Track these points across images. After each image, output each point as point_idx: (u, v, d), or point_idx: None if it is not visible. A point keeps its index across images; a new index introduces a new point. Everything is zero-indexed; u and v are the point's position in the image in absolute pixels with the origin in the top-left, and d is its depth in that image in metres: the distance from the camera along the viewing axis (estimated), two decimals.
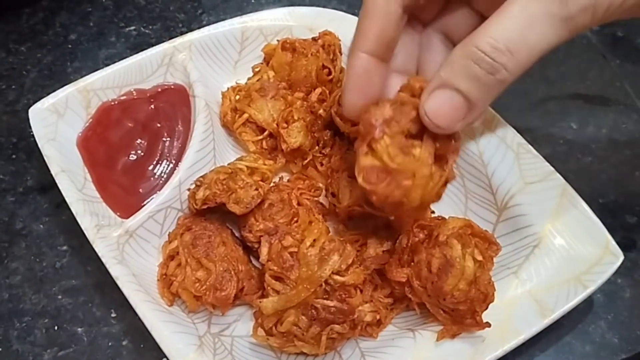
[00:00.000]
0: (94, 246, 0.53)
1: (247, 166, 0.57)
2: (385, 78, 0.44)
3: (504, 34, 0.35)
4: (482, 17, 0.44)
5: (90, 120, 0.62)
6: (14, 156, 0.67)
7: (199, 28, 0.66)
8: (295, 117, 0.59)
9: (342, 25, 0.66)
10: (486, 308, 0.49)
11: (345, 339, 0.52)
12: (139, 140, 0.61)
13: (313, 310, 0.49)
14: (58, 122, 0.60)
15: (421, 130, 0.40)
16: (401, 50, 0.45)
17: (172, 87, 0.64)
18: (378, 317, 0.52)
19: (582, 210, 0.54)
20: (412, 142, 0.40)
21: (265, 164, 0.58)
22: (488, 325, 0.49)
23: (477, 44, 0.35)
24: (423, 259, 0.49)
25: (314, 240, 0.51)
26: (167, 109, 0.63)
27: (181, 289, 0.52)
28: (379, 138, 0.39)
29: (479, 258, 0.49)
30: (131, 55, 0.64)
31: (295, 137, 0.59)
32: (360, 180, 0.40)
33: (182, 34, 0.66)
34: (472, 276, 0.48)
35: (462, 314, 0.49)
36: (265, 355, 0.53)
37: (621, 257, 0.52)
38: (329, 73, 0.64)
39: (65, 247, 0.61)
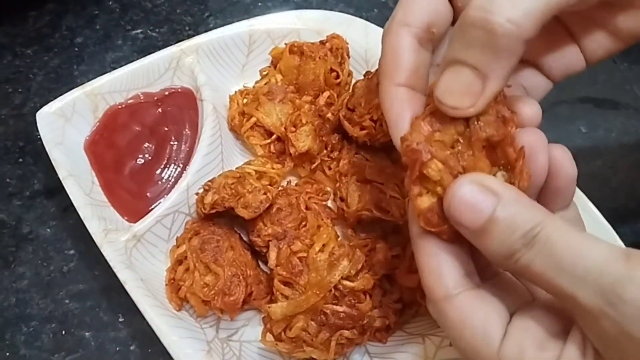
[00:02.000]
0: (101, 250, 0.53)
1: (255, 170, 0.57)
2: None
3: None
4: None
5: (98, 124, 0.61)
6: (20, 160, 0.67)
7: (205, 31, 0.65)
8: (304, 121, 0.59)
9: (349, 28, 0.66)
10: None
11: (355, 344, 0.51)
12: (146, 144, 0.61)
13: (322, 316, 0.49)
14: (65, 125, 0.60)
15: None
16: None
17: (180, 90, 0.64)
18: (387, 322, 0.52)
19: (592, 215, 0.54)
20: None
21: (273, 168, 0.58)
22: None
23: (472, 5, 0.32)
24: None
25: (323, 245, 0.51)
26: (175, 113, 0.62)
27: (189, 294, 0.52)
28: (428, 161, 0.34)
29: None
30: (138, 58, 0.63)
31: (303, 141, 0.58)
32: (422, 224, 0.35)
33: (189, 37, 0.66)
34: None
35: None
36: None
37: None
38: (337, 76, 0.64)
39: (72, 252, 0.61)
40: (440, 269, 0.34)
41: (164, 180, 0.59)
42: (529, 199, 0.33)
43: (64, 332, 0.57)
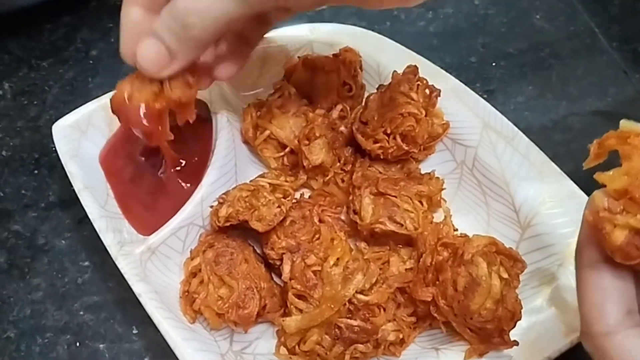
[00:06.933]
0: (116, 263, 0.53)
1: (269, 183, 0.57)
2: None
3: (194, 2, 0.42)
4: None
5: (113, 136, 0.62)
6: (36, 172, 0.68)
7: None
8: (317, 134, 0.59)
9: (362, 41, 0.66)
10: (514, 326, 0.48)
11: (368, 358, 0.51)
12: (160, 157, 0.61)
13: (336, 330, 0.49)
14: (81, 138, 0.60)
15: None
16: None
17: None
18: (401, 336, 0.52)
19: None
20: None
21: (287, 181, 0.58)
22: (516, 343, 0.48)
23: (176, 4, 0.42)
24: (448, 277, 0.49)
25: (338, 259, 0.51)
26: (189, 125, 0.62)
27: (204, 307, 0.52)
28: None
29: (505, 276, 0.49)
30: None
31: (316, 154, 0.59)
32: (619, 259, 0.34)
33: None
34: (499, 294, 0.47)
35: (489, 333, 0.48)
36: None
37: None
38: (350, 89, 0.64)
39: (87, 263, 0.62)
40: (604, 304, 0.34)
41: (178, 193, 0.60)
42: None
43: (78, 344, 0.58)
